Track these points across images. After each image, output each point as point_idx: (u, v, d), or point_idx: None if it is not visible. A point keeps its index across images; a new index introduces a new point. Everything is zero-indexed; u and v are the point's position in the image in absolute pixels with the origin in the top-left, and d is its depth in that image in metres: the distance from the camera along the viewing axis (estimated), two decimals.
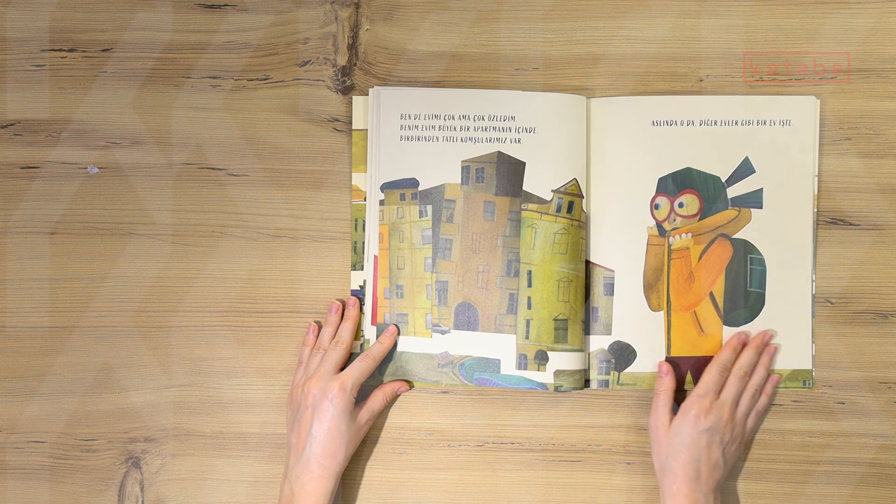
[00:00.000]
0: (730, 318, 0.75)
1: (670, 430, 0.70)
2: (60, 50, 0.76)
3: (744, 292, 0.75)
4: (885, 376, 0.75)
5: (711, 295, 0.75)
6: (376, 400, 0.74)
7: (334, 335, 0.74)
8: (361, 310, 0.76)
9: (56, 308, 0.75)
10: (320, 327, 0.75)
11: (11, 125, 0.76)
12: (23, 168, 0.76)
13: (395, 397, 0.75)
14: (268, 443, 0.75)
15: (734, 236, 0.75)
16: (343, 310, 0.75)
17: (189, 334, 0.76)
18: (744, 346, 0.74)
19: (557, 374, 0.74)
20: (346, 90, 0.76)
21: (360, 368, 0.71)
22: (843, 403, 0.75)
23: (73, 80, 0.76)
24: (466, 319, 0.75)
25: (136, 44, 0.76)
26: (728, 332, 0.75)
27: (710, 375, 0.72)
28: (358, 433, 0.72)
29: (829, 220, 0.75)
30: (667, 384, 0.73)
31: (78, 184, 0.76)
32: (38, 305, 0.76)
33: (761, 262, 0.75)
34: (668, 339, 0.75)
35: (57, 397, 0.76)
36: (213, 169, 0.76)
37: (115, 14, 0.76)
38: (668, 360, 0.75)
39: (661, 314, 0.75)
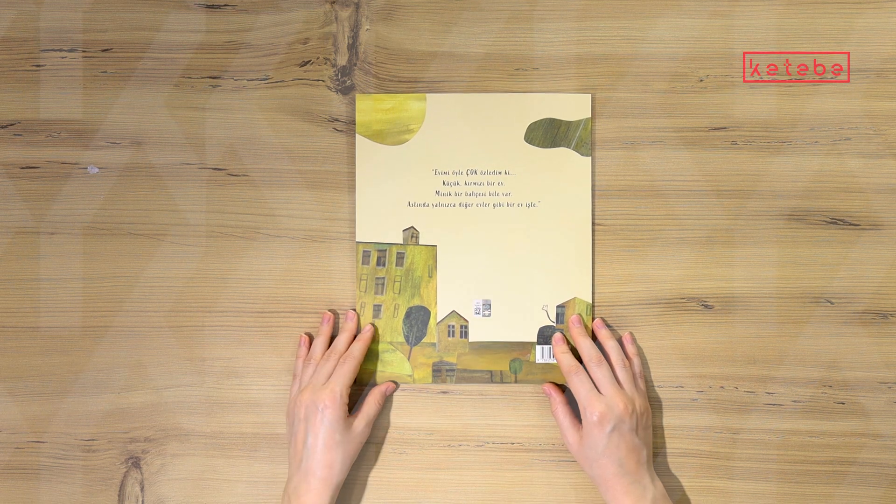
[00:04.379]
0: None
1: (584, 445, 0.70)
2: (60, 50, 0.76)
3: None
4: (885, 376, 0.75)
5: None
6: (370, 406, 0.73)
7: (327, 346, 0.74)
8: (359, 321, 0.75)
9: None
10: (311, 339, 0.75)
11: (11, 125, 0.76)
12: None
13: (386, 398, 0.75)
14: (268, 443, 0.75)
15: None
16: (334, 320, 0.75)
17: (188, 334, 0.76)
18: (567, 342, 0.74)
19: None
20: (346, 90, 0.76)
21: (345, 373, 0.71)
22: (843, 403, 0.75)
23: (72, 81, 0.76)
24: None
25: (134, 44, 0.76)
26: None
27: (576, 384, 0.70)
28: (354, 441, 0.71)
29: (829, 220, 0.75)
30: (558, 401, 0.73)
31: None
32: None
33: None
34: None
35: (57, 397, 0.76)
36: (213, 169, 0.76)
37: (115, 14, 0.76)
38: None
39: None
